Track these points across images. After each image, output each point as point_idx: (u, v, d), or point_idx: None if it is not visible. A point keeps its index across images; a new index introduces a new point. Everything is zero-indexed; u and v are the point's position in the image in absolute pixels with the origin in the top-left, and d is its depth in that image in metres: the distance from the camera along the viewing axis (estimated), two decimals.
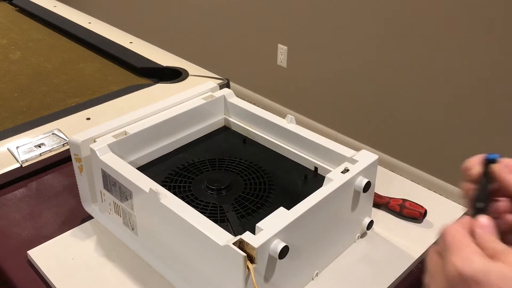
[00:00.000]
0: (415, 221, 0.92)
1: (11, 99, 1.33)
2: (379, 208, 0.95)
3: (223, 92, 1.02)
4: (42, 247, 0.86)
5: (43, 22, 1.83)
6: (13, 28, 1.80)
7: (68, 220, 0.93)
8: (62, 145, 1.10)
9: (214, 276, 0.70)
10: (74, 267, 0.83)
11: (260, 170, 0.90)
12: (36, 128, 1.16)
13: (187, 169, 0.90)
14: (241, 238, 0.65)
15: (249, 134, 1.00)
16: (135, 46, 1.58)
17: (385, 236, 0.89)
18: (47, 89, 1.38)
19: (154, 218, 0.78)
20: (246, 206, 0.81)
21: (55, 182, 1.03)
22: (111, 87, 1.39)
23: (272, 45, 2.84)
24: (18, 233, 0.90)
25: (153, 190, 0.74)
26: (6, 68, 1.50)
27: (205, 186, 0.85)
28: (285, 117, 0.95)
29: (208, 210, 0.80)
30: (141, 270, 0.82)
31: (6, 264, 0.84)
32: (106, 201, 0.87)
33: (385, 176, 1.03)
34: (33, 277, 0.82)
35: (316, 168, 0.89)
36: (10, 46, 1.65)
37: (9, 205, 0.97)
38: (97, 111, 1.23)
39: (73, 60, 1.56)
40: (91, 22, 1.77)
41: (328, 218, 0.76)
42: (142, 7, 3.62)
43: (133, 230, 0.83)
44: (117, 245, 0.86)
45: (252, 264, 0.64)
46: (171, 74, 1.43)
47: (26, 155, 1.06)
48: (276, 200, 0.83)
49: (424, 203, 0.93)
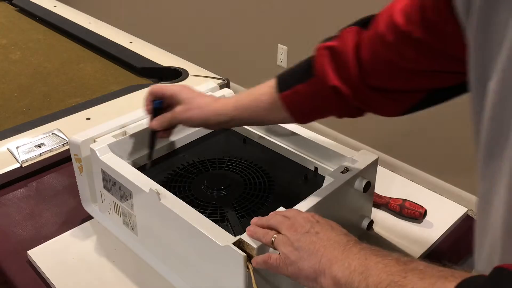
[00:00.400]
0: (415, 221, 0.92)
1: (11, 99, 1.33)
2: (379, 208, 0.95)
3: (223, 92, 1.02)
4: (42, 247, 0.86)
5: (43, 22, 1.83)
6: (13, 28, 1.80)
7: (68, 220, 0.93)
8: (62, 145, 1.10)
9: (214, 276, 0.70)
10: (74, 267, 0.83)
11: (260, 170, 0.90)
12: (36, 128, 1.16)
13: (187, 169, 0.90)
14: (241, 238, 0.65)
15: (249, 134, 1.00)
16: (135, 46, 1.58)
17: (385, 236, 0.89)
18: (47, 89, 1.38)
19: (154, 218, 0.78)
20: (246, 206, 0.81)
21: (55, 182, 1.03)
22: (111, 87, 1.39)
23: (272, 45, 2.84)
24: (18, 233, 0.90)
25: (153, 190, 0.74)
26: (6, 68, 1.50)
27: (205, 186, 0.85)
28: None
29: (208, 210, 0.80)
30: (141, 270, 0.82)
31: (6, 264, 0.84)
32: (106, 201, 0.87)
33: (385, 176, 1.03)
34: (33, 277, 0.82)
35: (316, 168, 0.89)
36: (10, 46, 1.65)
37: (9, 205, 0.97)
38: (97, 111, 1.23)
39: (73, 60, 1.56)
40: (91, 22, 1.77)
41: (328, 218, 0.76)
42: (142, 7, 3.62)
43: (133, 230, 0.83)
44: (117, 245, 0.86)
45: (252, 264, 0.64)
46: (171, 74, 1.43)
47: (26, 155, 1.06)
48: (276, 200, 0.82)
49: (424, 203, 0.93)
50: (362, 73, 0.68)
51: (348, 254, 0.55)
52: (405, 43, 0.63)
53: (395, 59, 0.66)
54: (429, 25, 0.60)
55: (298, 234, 0.59)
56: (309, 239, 0.58)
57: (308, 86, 0.73)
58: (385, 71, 0.67)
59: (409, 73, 0.66)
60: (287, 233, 0.60)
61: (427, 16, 0.59)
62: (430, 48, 0.62)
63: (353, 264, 0.53)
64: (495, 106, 0.48)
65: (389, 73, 0.67)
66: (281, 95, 0.74)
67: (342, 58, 0.69)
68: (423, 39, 0.61)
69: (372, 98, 0.70)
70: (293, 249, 0.58)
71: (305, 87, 0.73)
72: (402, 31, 0.62)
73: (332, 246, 0.56)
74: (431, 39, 0.61)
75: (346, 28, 0.70)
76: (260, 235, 0.63)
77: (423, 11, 0.59)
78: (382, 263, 0.51)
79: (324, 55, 0.71)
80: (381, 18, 0.67)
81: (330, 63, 0.70)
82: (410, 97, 0.70)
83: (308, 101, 0.74)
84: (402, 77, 0.67)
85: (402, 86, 0.69)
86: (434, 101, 0.70)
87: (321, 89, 0.72)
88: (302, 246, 0.58)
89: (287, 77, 0.75)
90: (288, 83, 0.74)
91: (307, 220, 0.61)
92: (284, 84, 0.75)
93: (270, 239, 0.62)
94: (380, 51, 0.66)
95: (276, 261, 0.60)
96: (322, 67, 0.71)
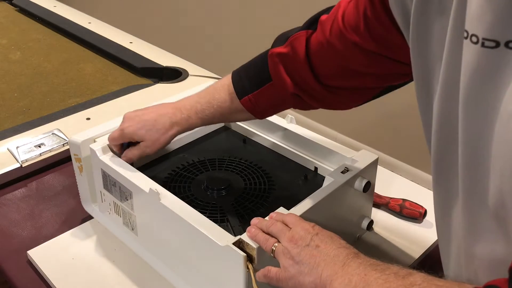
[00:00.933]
0: (415, 221, 0.92)
1: (11, 99, 1.33)
2: (379, 208, 0.95)
3: None
4: (42, 247, 0.86)
5: (43, 22, 1.82)
6: (13, 28, 1.80)
7: (68, 220, 0.93)
8: (62, 145, 1.10)
9: (214, 276, 0.70)
10: (74, 267, 0.83)
11: (260, 170, 0.89)
12: (36, 128, 1.16)
13: (187, 169, 0.90)
14: (241, 238, 0.65)
15: (249, 134, 1.00)
16: (135, 46, 1.58)
17: (385, 236, 0.89)
18: (47, 89, 1.38)
19: (154, 218, 0.78)
20: (246, 206, 0.81)
21: (55, 182, 1.03)
22: (111, 87, 1.39)
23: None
24: (18, 233, 0.90)
25: (153, 190, 0.74)
26: (6, 68, 1.50)
27: (205, 186, 0.85)
28: (285, 117, 0.95)
29: (208, 210, 0.80)
30: (141, 270, 0.82)
31: (6, 264, 0.84)
32: (106, 201, 0.87)
33: (385, 176, 1.03)
34: (33, 277, 0.82)
35: (316, 168, 0.89)
36: (10, 46, 1.65)
37: (9, 205, 0.97)
38: (97, 111, 1.23)
39: (73, 60, 1.56)
40: (91, 22, 1.77)
41: (328, 218, 0.76)
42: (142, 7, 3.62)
43: (133, 230, 0.83)
44: (117, 245, 0.86)
45: (252, 264, 0.64)
46: (171, 74, 1.43)
47: (26, 155, 1.06)
48: (276, 200, 0.82)
49: (424, 203, 0.93)
50: (317, 78, 0.71)
51: (348, 269, 0.55)
52: (354, 51, 0.65)
53: (346, 64, 0.68)
54: (376, 37, 0.62)
55: (299, 247, 0.59)
56: (310, 253, 0.58)
57: (267, 90, 0.76)
58: (339, 74, 0.70)
59: (362, 74, 0.68)
60: (288, 246, 0.60)
61: (372, 27, 0.61)
62: (380, 56, 0.64)
63: (354, 280, 0.53)
64: (439, 121, 0.50)
65: (343, 75, 0.70)
66: (242, 101, 0.78)
67: (296, 67, 0.72)
68: (373, 50, 0.64)
69: (330, 97, 0.73)
70: (293, 263, 0.58)
71: (264, 91, 0.76)
72: (350, 40, 0.64)
73: (333, 261, 0.56)
74: (381, 50, 0.63)
75: (294, 34, 0.72)
76: (261, 240, 0.63)
77: (367, 23, 0.61)
78: (382, 279, 0.51)
79: (277, 63, 0.73)
80: (327, 23, 0.68)
81: (285, 71, 0.73)
82: (368, 92, 0.73)
83: (268, 102, 0.78)
84: (356, 77, 0.69)
85: (358, 84, 0.71)
86: (395, 88, 0.73)
87: (281, 93, 0.75)
88: (303, 260, 0.58)
89: (245, 82, 0.78)
90: (246, 89, 0.78)
91: (308, 232, 0.61)
92: (243, 90, 0.78)
93: (270, 248, 0.62)
94: (331, 57, 0.69)
95: (276, 275, 0.60)
96: (279, 75, 0.74)
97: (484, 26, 0.41)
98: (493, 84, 0.42)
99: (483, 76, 0.42)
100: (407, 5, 0.52)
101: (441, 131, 0.51)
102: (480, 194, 0.46)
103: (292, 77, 0.73)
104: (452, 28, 0.45)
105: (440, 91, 0.49)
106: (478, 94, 0.43)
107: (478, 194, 0.47)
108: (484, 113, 0.43)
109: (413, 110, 1.96)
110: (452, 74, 0.46)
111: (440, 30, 0.48)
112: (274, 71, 0.74)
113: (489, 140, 0.44)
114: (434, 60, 0.50)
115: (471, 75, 0.43)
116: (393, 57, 0.63)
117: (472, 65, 0.43)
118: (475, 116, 0.44)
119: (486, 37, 0.41)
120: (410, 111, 2.41)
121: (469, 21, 0.42)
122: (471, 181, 0.47)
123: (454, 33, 0.45)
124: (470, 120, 0.45)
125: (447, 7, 0.46)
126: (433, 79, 0.51)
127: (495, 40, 0.40)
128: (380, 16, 0.59)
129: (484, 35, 0.41)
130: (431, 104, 0.52)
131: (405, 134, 2.41)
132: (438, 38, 0.48)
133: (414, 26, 0.51)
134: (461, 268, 0.55)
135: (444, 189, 0.54)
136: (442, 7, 0.47)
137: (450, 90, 0.47)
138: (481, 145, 0.44)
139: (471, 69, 0.43)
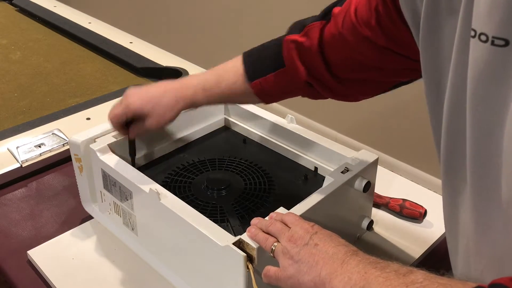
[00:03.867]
0: (415, 221, 0.92)
1: (11, 99, 1.33)
2: (379, 208, 0.95)
3: None
4: (42, 247, 0.86)
5: (43, 22, 1.82)
6: (13, 28, 1.80)
7: (68, 220, 0.93)
8: (62, 145, 1.10)
9: (214, 276, 0.70)
10: (74, 267, 0.83)
11: (260, 170, 0.89)
12: (36, 128, 1.16)
13: (187, 169, 0.90)
14: (241, 238, 0.65)
15: (249, 134, 1.00)
16: (135, 46, 1.58)
17: (385, 236, 0.89)
18: (47, 89, 1.38)
19: (154, 218, 0.78)
20: (246, 206, 0.81)
21: (55, 182, 1.03)
22: (111, 87, 1.39)
23: None
24: (18, 233, 0.90)
25: (153, 190, 0.74)
26: (6, 68, 1.50)
27: (205, 186, 0.85)
28: (285, 117, 0.95)
29: (208, 210, 0.80)
30: (141, 270, 0.82)
31: (6, 264, 0.84)
32: (106, 201, 0.87)
33: (385, 176, 1.03)
34: (33, 277, 0.82)
35: (316, 168, 0.89)
36: (10, 46, 1.65)
37: (9, 205, 0.97)
38: (97, 111, 1.23)
39: (73, 60, 1.56)
40: (91, 22, 1.77)
41: (328, 218, 0.76)
42: (142, 7, 3.62)
43: (133, 230, 0.83)
44: (117, 245, 0.86)
45: (252, 264, 0.64)
46: (171, 74, 1.43)
47: (26, 155, 1.06)
48: (276, 200, 0.82)
49: (424, 203, 0.93)
50: (330, 69, 0.71)
51: (347, 267, 0.54)
52: (365, 45, 0.65)
53: (356, 57, 0.68)
54: (387, 33, 0.62)
55: (298, 246, 0.59)
56: (309, 252, 0.58)
57: (280, 75, 0.75)
58: (350, 66, 0.70)
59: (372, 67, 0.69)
60: (287, 245, 0.60)
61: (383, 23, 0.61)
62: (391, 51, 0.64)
63: (353, 278, 0.53)
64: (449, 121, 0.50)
65: (353, 67, 0.70)
66: (252, 84, 0.76)
67: (309, 56, 0.71)
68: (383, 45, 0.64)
69: (340, 88, 0.73)
70: (293, 262, 0.58)
71: (276, 76, 0.75)
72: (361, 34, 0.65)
73: (332, 259, 0.56)
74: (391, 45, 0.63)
75: (310, 24, 0.72)
76: (260, 240, 0.63)
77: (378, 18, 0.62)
78: (382, 277, 0.51)
79: (292, 49, 0.73)
80: (340, 15, 0.68)
81: (299, 59, 0.72)
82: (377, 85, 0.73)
83: (279, 88, 0.77)
84: (366, 70, 0.70)
85: (368, 77, 0.71)
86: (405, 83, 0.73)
87: (293, 80, 0.74)
88: (302, 259, 0.58)
89: (256, 65, 0.77)
90: (258, 72, 0.76)
91: (306, 231, 0.61)
92: (254, 73, 0.76)
93: (270, 247, 0.62)
94: (342, 49, 0.69)
95: (276, 274, 0.60)
96: (293, 62, 0.73)
97: (494, 24, 0.41)
98: (502, 82, 0.42)
99: (493, 74, 0.43)
100: (417, 6, 0.52)
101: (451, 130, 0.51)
102: (489, 192, 0.46)
103: (306, 65, 0.72)
104: (461, 27, 0.46)
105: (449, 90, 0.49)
106: (487, 92, 0.44)
107: (487, 191, 0.47)
108: (494, 111, 0.44)
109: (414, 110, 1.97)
110: (461, 73, 0.46)
111: (450, 30, 0.48)
112: (288, 57, 0.73)
113: (498, 138, 0.44)
114: (444, 60, 0.50)
115: (480, 74, 0.43)
116: (403, 53, 0.63)
117: (481, 63, 0.43)
118: (483, 113, 0.45)
119: (496, 36, 0.41)
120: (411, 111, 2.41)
121: (477, 20, 0.43)
122: (480, 178, 0.47)
123: (463, 33, 0.45)
124: (478, 118, 0.45)
125: (456, 7, 0.46)
126: (443, 79, 0.51)
127: (504, 39, 0.41)
128: (391, 14, 0.59)
129: (494, 34, 0.41)
130: (441, 104, 0.51)
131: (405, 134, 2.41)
132: (448, 38, 0.49)
133: (424, 26, 0.51)
134: (469, 267, 0.55)
135: (453, 188, 0.54)
136: (451, 7, 0.47)
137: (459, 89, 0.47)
138: (491, 142, 0.45)
139: (480, 67, 0.43)
